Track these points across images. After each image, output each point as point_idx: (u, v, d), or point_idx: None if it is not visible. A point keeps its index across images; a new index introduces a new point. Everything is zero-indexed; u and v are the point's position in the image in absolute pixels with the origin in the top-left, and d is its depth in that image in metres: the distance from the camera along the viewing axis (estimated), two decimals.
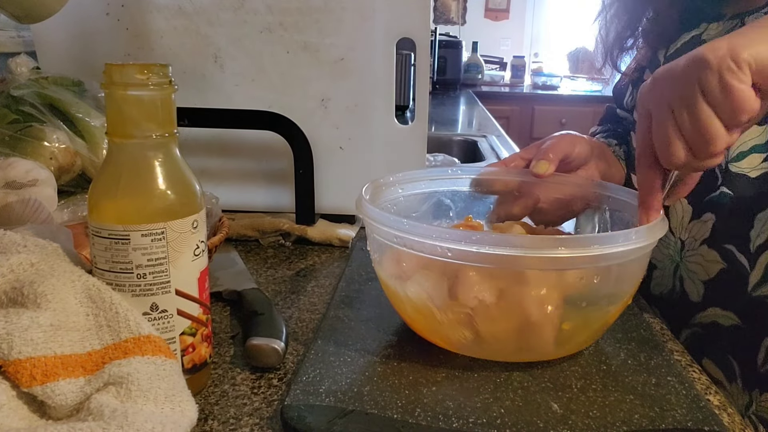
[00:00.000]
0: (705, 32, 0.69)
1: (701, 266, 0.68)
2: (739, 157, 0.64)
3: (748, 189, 0.64)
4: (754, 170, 0.63)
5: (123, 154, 0.42)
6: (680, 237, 0.70)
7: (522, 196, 0.66)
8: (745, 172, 0.64)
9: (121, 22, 0.81)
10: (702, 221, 0.67)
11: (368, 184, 0.57)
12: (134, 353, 0.39)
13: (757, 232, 0.63)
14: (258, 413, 0.45)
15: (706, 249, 0.67)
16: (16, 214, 0.55)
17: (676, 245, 0.71)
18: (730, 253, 0.65)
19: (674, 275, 0.72)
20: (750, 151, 0.64)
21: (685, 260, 0.70)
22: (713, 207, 0.66)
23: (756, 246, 0.63)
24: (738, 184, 0.64)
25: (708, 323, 0.68)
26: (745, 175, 0.64)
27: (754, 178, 0.63)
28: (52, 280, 0.40)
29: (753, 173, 0.63)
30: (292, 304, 0.63)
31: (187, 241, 0.43)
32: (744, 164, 0.64)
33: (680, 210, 0.70)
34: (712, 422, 0.43)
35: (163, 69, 0.41)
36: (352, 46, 0.80)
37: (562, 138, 0.67)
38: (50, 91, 0.72)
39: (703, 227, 0.67)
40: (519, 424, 0.42)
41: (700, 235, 0.68)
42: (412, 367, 0.49)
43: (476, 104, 2.89)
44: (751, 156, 0.64)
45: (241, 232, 0.80)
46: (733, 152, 0.64)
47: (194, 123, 0.79)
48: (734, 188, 0.64)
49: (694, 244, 0.69)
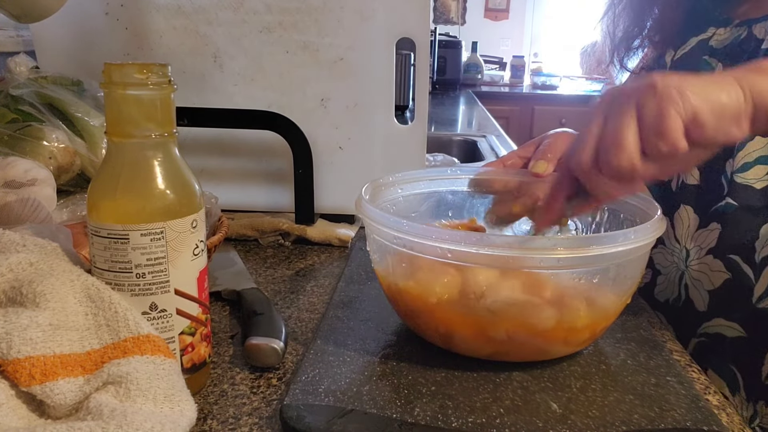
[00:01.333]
0: (713, 37, 0.69)
1: (706, 275, 0.68)
2: (745, 167, 0.64)
3: (754, 200, 0.64)
4: (759, 181, 0.63)
5: (122, 153, 0.42)
6: (686, 246, 0.70)
7: (521, 196, 0.66)
8: (750, 183, 0.64)
9: (120, 21, 0.81)
10: (708, 230, 0.67)
11: (368, 184, 0.57)
12: (133, 353, 0.39)
13: (762, 243, 0.63)
14: (257, 413, 0.45)
15: (711, 259, 0.67)
16: (15, 213, 0.55)
17: (681, 253, 0.71)
18: (735, 263, 0.65)
19: (679, 283, 0.71)
20: (755, 162, 0.64)
21: (690, 269, 0.70)
22: (719, 217, 0.66)
23: (761, 257, 0.63)
24: (743, 194, 0.64)
25: (713, 333, 0.67)
26: (751, 186, 0.64)
27: (760, 189, 0.63)
28: (51, 279, 0.40)
29: (758, 184, 0.63)
30: (292, 303, 0.63)
31: (187, 241, 0.43)
32: (749, 175, 0.64)
33: (686, 219, 0.70)
34: (711, 422, 0.43)
35: (162, 68, 0.41)
36: (351, 46, 0.80)
37: (559, 137, 0.67)
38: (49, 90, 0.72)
39: (709, 237, 0.67)
40: (518, 423, 0.42)
41: (706, 244, 0.68)
42: (411, 367, 0.49)
43: (476, 104, 2.88)
44: (757, 167, 0.63)
45: (241, 232, 0.80)
46: (738, 163, 0.64)
47: (193, 123, 0.79)
48: (739, 199, 0.64)
49: (700, 253, 0.68)
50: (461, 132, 2.00)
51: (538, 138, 0.69)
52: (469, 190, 0.65)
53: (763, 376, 0.64)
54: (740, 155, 0.64)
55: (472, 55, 3.92)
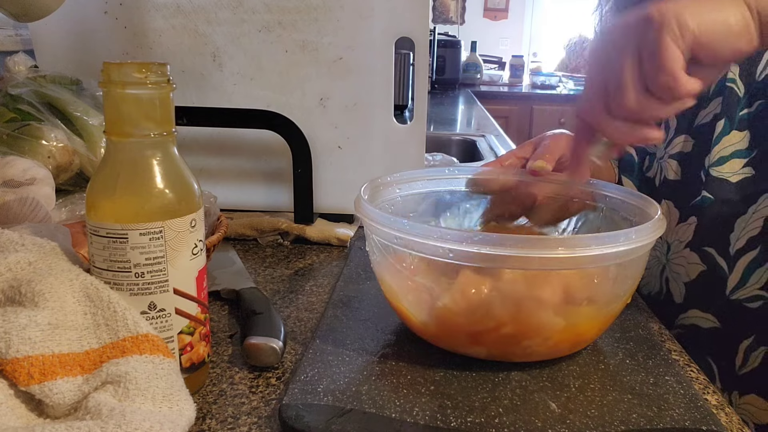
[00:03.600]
0: None
1: (684, 268, 0.69)
2: (720, 161, 0.65)
3: (729, 193, 0.65)
4: (734, 175, 0.64)
5: (121, 152, 0.42)
6: (667, 239, 0.71)
7: (519, 196, 0.66)
8: (725, 177, 0.65)
9: (119, 20, 0.81)
10: (687, 224, 0.69)
11: (366, 183, 0.57)
12: (132, 352, 0.39)
13: (736, 236, 0.64)
14: (256, 412, 0.45)
15: (688, 251, 0.68)
16: (13, 212, 0.55)
17: (663, 247, 0.72)
18: (711, 256, 0.67)
19: (661, 276, 0.72)
20: (731, 156, 0.65)
21: (671, 262, 0.71)
22: (696, 211, 0.67)
23: (735, 250, 0.65)
24: (719, 188, 0.65)
25: (689, 325, 0.69)
26: (726, 179, 0.65)
27: (735, 183, 0.64)
28: (50, 278, 0.40)
29: (733, 178, 0.64)
30: (291, 303, 0.63)
31: (186, 240, 0.43)
32: (725, 169, 0.65)
33: (668, 213, 0.71)
34: (709, 422, 0.43)
35: (161, 68, 0.41)
36: (350, 46, 0.80)
37: (557, 138, 0.67)
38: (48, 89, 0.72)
39: (687, 230, 0.68)
40: (517, 423, 0.42)
41: (684, 237, 0.69)
42: (410, 367, 0.49)
43: (475, 104, 2.88)
44: (732, 161, 0.65)
45: (240, 231, 0.80)
46: (714, 157, 0.65)
47: (193, 122, 0.79)
48: (715, 192, 0.66)
49: (679, 246, 0.70)
50: (460, 131, 2.00)
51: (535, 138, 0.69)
52: (466, 189, 0.66)
53: (737, 366, 0.65)
54: (716, 149, 0.65)
55: (471, 54, 3.92)
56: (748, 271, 0.64)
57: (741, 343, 0.65)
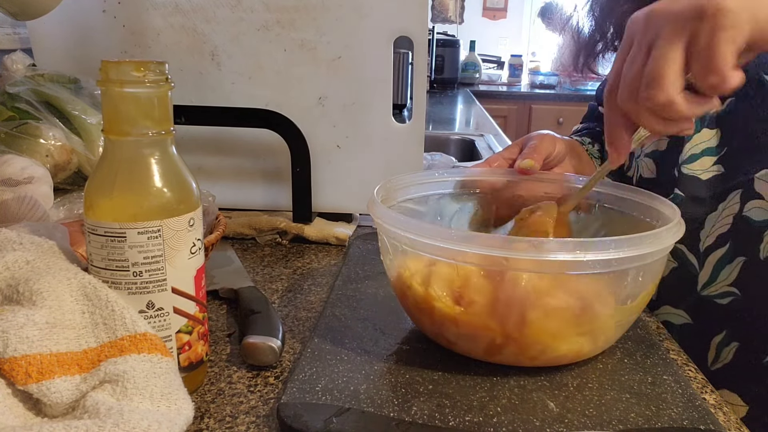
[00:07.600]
0: None
1: None
2: (691, 159, 0.66)
3: (699, 190, 0.65)
4: (705, 172, 0.65)
5: (119, 151, 0.42)
6: None
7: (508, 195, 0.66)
8: (696, 174, 0.66)
9: (117, 19, 0.81)
10: None
11: (379, 185, 0.56)
12: (130, 351, 0.39)
13: (706, 232, 0.65)
14: (254, 411, 0.45)
15: None
16: (11, 211, 0.54)
17: None
18: (681, 252, 0.67)
19: None
20: (702, 153, 0.66)
21: None
22: None
23: (705, 246, 0.65)
24: (690, 185, 0.66)
25: (662, 321, 0.69)
26: (697, 177, 0.66)
27: (705, 180, 0.65)
28: (48, 277, 0.40)
29: (704, 175, 0.65)
30: (289, 302, 0.63)
31: (184, 239, 0.43)
32: (696, 166, 0.66)
33: None
34: (708, 421, 0.43)
35: (159, 66, 0.41)
36: (349, 45, 0.79)
37: (543, 138, 0.68)
38: (46, 88, 0.72)
39: None
40: (515, 422, 0.42)
41: None
42: (409, 366, 0.49)
43: (474, 103, 2.89)
44: (703, 158, 0.65)
45: (238, 231, 0.80)
46: (685, 154, 0.66)
47: (191, 121, 0.79)
48: (686, 190, 0.66)
49: None
50: (459, 131, 2.00)
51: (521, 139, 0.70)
52: (455, 191, 0.65)
53: (709, 362, 0.66)
54: (687, 147, 0.66)
55: (470, 54, 3.92)
56: (717, 268, 0.65)
57: (713, 338, 0.66)
